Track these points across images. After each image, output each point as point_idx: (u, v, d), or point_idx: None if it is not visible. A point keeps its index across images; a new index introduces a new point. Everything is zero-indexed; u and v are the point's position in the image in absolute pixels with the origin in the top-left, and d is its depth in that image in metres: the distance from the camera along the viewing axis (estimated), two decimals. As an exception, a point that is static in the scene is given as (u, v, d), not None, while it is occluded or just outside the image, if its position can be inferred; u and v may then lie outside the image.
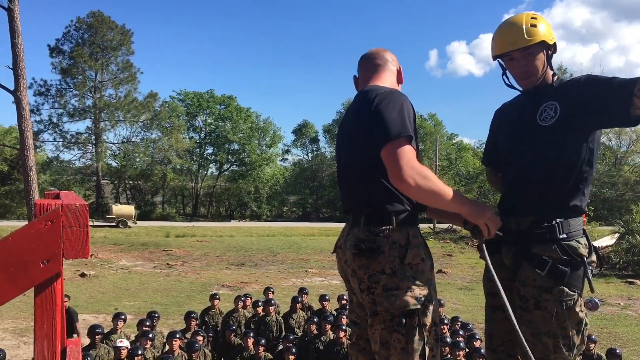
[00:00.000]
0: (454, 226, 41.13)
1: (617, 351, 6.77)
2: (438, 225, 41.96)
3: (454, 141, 65.21)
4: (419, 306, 2.25)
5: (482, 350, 6.74)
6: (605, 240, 28.18)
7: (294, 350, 7.03)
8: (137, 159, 49.74)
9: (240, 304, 8.86)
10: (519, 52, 2.52)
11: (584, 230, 2.54)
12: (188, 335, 7.33)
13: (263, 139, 56.88)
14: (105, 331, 7.14)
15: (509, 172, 2.69)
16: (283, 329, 8.33)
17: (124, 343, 6.14)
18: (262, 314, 8.51)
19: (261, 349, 7.16)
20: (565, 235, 2.40)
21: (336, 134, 2.67)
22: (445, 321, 7.99)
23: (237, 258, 24.40)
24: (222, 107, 55.24)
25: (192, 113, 54.22)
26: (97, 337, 6.60)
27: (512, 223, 2.55)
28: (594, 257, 2.51)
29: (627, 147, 65.34)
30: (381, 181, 2.25)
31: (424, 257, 2.34)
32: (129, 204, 47.35)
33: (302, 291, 9.38)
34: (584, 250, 2.46)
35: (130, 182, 52.52)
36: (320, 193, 60.36)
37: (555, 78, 2.62)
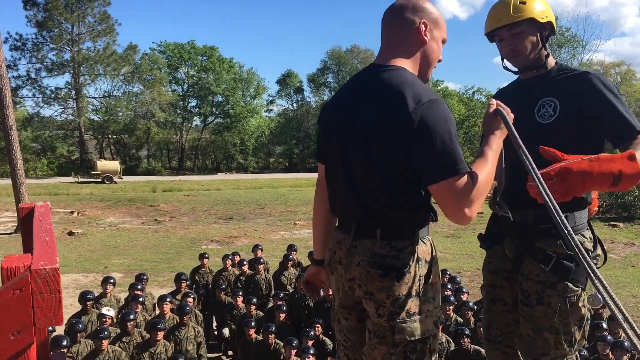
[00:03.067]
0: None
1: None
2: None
3: (439, 88, 64.83)
4: (435, 330, 2.05)
5: (471, 304, 6.87)
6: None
7: (284, 308, 7.10)
8: (120, 114, 48.95)
9: (229, 262, 8.90)
10: (505, 30, 2.42)
11: (589, 222, 2.48)
12: (179, 297, 7.37)
13: (247, 91, 56.10)
14: (96, 295, 7.14)
15: (508, 163, 2.59)
16: (272, 287, 8.39)
17: (110, 312, 6.15)
18: (250, 272, 8.56)
19: (252, 307, 7.22)
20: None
21: (326, 116, 2.20)
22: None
23: (225, 212, 24.45)
24: (204, 58, 54.16)
25: (173, 65, 53.14)
26: (88, 303, 6.60)
27: (515, 215, 2.44)
28: (599, 251, 2.45)
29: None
30: (407, 191, 1.96)
31: (439, 270, 2.14)
32: (113, 159, 46.87)
33: (292, 248, 9.42)
34: (589, 245, 2.40)
35: (114, 136, 51.88)
36: (306, 143, 60.15)
37: (555, 63, 2.50)
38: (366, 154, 1.97)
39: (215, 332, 8.23)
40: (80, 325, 5.90)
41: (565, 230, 1.86)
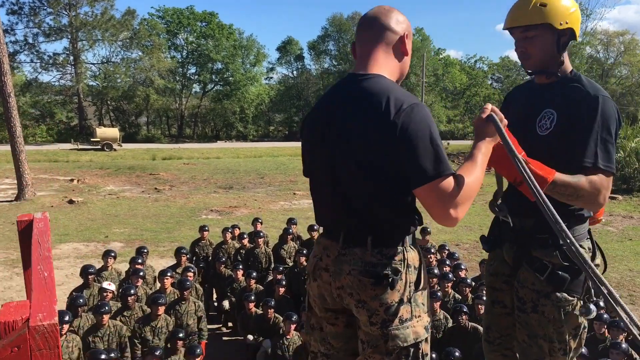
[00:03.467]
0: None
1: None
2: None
3: (441, 56, 64.19)
4: (427, 335, 2.07)
5: (468, 280, 6.92)
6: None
7: (283, 282, 7.16)
8: (119, 80, 48.60)
9: (229, 235, 8.94)
10: (520, 31, 2.36)
11: (589, 231, 2.46)
12: (179, 271, 7.42)
13: (247, 58, 55.53)
14: (97, 268, 7.20)
15: None
16: (272, 261, 8.45)
17: (111, 286, 6.20)
18: (250, 246, 8.60)
19: (252, 281, 7.28)
20: (568, 241, 2.28)
21: (308, 128, 2.18)
22: (432, 250, 8.15)
23: (225, 181, 24.49)
24: (204, 24, 53.48)
25: (172, 31, 52.48)
26: (89, 277, 6.65)
27: (515, 222, 2.45)
28: (598, 260, 2.44)
29: (614, 59, 64.85)
30: (396, 198, 1.98)
31: (427, 275, 2.17)
32: (112, 126, 46.71)
33: (291, 222, 9.45)
34: (587, 255, 2.37)
35: (113, 103, 51.61)
36: (306, 111, 59.77)
37: (570, 72, 2.43)
38: (354, 163, 1.98)
39: (215, 304, 8.31)
40: (81, 300, 5.95)
41: (563, 233, 1.93)
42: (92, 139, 38.44)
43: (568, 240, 2.01)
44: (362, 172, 1.97)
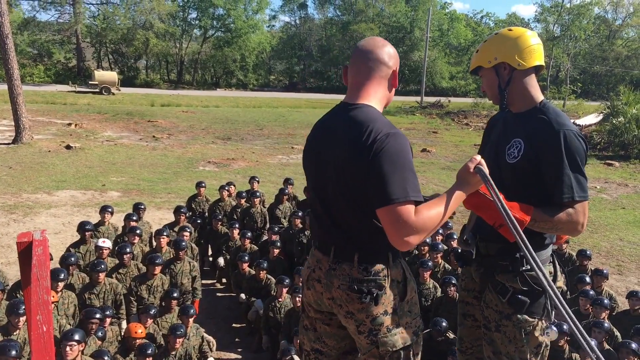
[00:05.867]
0: (441, 101, 41.07)
1: (588, 252, 7.06)
2: (425, 99, 41.82)
3: (446, 11, 62.98)
4: (416, 338, 2.28)
5: (460, 250, 6.99)
6: (589, 119, 28.43)
7: (278, 244, 7.25)
8: (118, 22, 47.75)
9: (225, 193, 8.99)
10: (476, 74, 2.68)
11: (552, 256, 2.60)
12: (176, 229, 7.49)
13: (249, 4, 54.40)
14: (94, 223, 7.26)
15: None
16: (267, 221, 8.53)
17: (106, 243, 6.25)
18: (246, 205, 8.66)
19: (247, 241, 7.38)
20: (528, 267, 2.42)
21: (305, 150, 2.39)
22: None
23: (223, 131, 24.40)
24: (206, -34, 52.22)
25: (173, -27, 51.31)
26: (87, 233, 6.71)
27: (481, 246, 2.62)
28: (560, 283, 2.59)
29: (622, 21, 63.80)
30: (376, 217, 2.11)
31: (414, 285, 2.34)
32: (111, 69, 46.17)
33: (288, 182, 9.48)
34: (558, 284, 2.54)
35: (112, 46, 50.84)
36: (307, 62, 59.07)
37: (540, 103, 2.54)
38: (338, 184, 2.17)
39: (210, 260, 8.44)
40: (72, 259, 5.97)
41: (541, 274, 2.17)
42: (90, 82, 38.02)
43: (545, 282, 2.17)
44: (345, 193, 2.15)
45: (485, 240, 2.60)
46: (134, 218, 7.29)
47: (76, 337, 4.46)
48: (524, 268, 2.45)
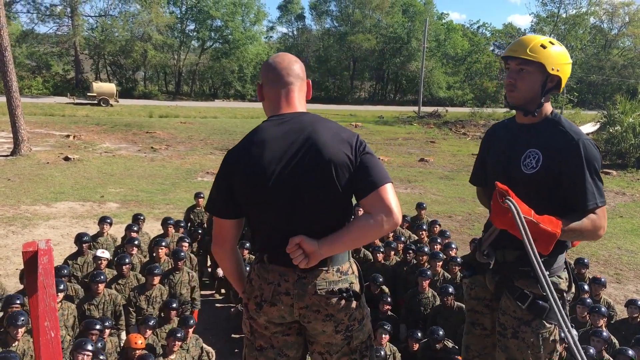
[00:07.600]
0: (439, 111, 41.20)
1: (586, 261, 7.08)
2: (423, 109, 41.95)
3: (443, 21, 63.30)
4: (370, 325, 2.49)
5: (458, 259, 7.01)
6: (587, 127, 28.50)
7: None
8: (116, 34, 47.91)
9: (225, 203, 8.98)
10: (515, 63, 2.51)
11: (566, 262, 2.64)
12: (173, 240, 7.49)
13: (247, 16, 54.63)
14: (93, 234, 7.27)
15: None
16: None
17: (105, 254, 6.27)
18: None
19: (245, 252, 7.39)
20: (548, 273, 2.44)
21: (249, 166, 2.28)
22: (424, 227, 8.21)
23: (222, 142, 24.43)
24: (203, -21, 52.45)
25: (171, -16, 51.52)
26: (84, 245, 6.72)
27: (498, 254, 2.64)
28: (573, 289, 2.64)
29: (618, 30, 64.13)
30: (342, 218, 2.29)
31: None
32: (109, 81, 46.29)
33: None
34: (564, 286, 2.59)
35: (110, 57, 50.95)
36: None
37: (550, 113, 2.59)
38: (312, 190, 2.22)
39: (209, 270, 8.44)
40: (65, 271, 5.92)
41: (543, 279, 2.26)
42: (88, 94, 38.04)
43: (550, 296, 2.26)
44: (320, 201, 2.24)
45: (502, 248, 2.63)
46: (134, 229, 7.31)
47: (89, 347, 4.50)
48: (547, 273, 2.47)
